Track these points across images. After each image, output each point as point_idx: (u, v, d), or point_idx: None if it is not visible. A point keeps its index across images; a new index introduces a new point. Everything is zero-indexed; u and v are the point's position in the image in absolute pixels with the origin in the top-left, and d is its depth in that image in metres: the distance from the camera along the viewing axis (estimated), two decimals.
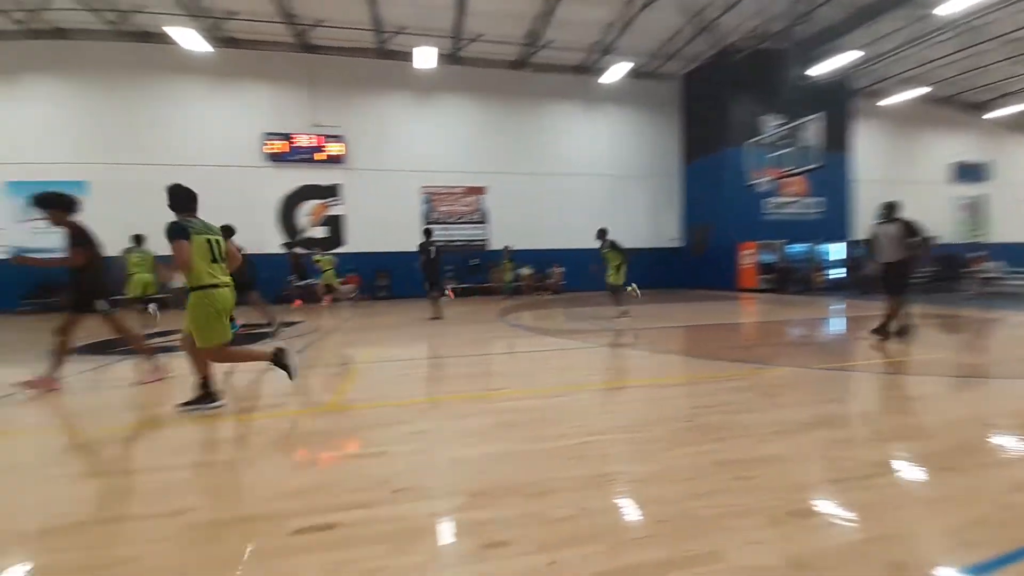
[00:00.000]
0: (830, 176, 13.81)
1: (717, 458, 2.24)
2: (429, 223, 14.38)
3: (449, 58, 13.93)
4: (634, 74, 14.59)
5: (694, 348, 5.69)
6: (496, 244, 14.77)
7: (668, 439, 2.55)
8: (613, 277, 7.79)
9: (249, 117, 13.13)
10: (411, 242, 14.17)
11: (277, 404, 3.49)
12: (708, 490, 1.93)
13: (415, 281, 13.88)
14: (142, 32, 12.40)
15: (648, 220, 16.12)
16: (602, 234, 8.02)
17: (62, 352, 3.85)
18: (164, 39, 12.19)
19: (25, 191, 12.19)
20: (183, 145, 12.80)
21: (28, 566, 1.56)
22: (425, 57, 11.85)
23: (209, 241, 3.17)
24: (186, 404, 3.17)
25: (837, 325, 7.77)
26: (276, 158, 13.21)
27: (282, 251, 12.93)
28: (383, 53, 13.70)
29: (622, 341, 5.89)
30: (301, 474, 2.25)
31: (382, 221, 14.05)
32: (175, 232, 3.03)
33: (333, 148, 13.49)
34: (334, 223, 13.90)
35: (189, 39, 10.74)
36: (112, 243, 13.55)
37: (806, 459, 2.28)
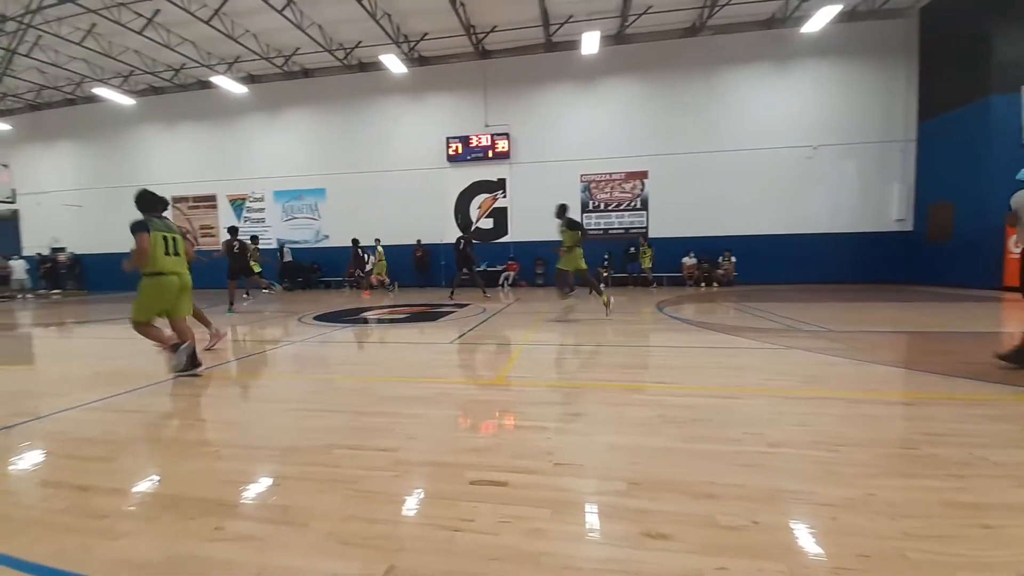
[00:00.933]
0: None
1: (949, 498, 1.77)
2: (587, 211, 14.44)
3: (613, 39, 13.57)
4: (847, 16, 11.98)
5: (925, 360, 4.46)
6: (655, 232, 14.01)
7: (876, 465, 2.11)
8: (563, 261, 6.93)
9: (435, 124, 15.04)
10: None
11: (452, 375, 4.01)
12: (934, 533, 1.54)
13: None
14: (359, 63, 15.26)
15: (859, 197, 13.08)
16: (562, 210, 7.06)
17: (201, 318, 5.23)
18: (374, 67, 14.80)
19: (286, 198, 16.33)
20: (388, 155, 15.37)
21: (277, 472, 2.15)
22: (590, 42, 11.76)
23: (165, 237, 3.86)
24: (181, 372, 3.88)
25: None
26: (454, 159, 14.85)
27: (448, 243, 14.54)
28: (548, 46, 14.09)
29: (817, 344, 5.01)
30: (475, 435, 2.57)
31: (541, 211, 14.57)
32: (138, 227, 3.74)
33: (500, 145, 14.52)
34: (499, 215, 15.01)
35: (393, 63, 12.80)
36: (342, 234, 16.89)
37: None
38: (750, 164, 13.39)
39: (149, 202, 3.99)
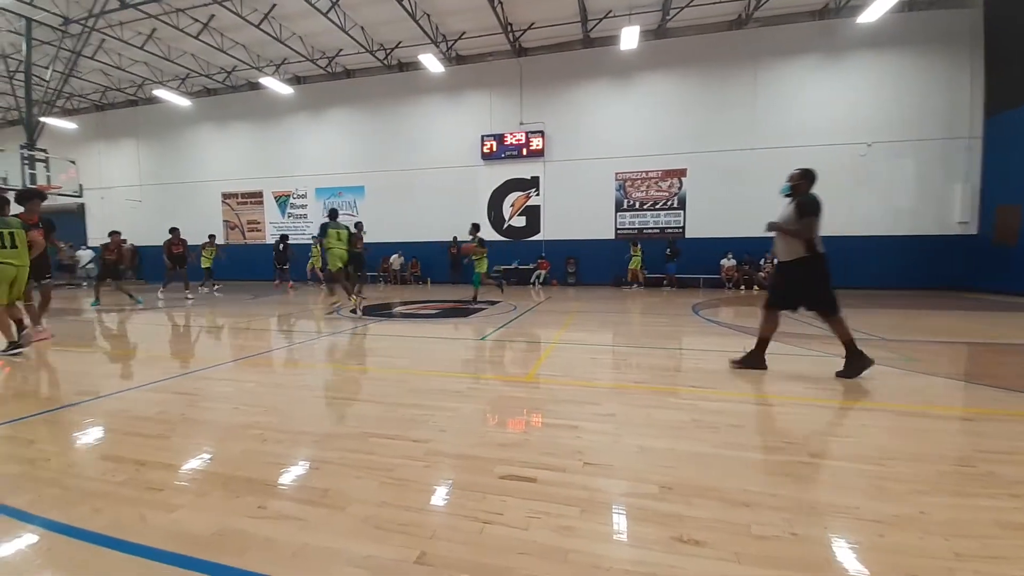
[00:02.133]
0: None
1: (1005, 518, 1.66)
2: (621, 210, 14.22)
3: (654, 33, 13.29)
4: (906, 6, 11.30)
5: (985, 373, 4.17)
6: (692, 232, 13.62)
7: (928, 481, 1.99)
8: (328, 261, 7.70)
9: (470, 122, 15.14)
10: (600, 231, 14.33)
11: (483, 371, 4.05)
12: (988, 554, 1.45)
13: (601, 268, 14.08)
14: (398, 63, 15.57)
15: (917, 198, 12.23)
16: (332, 214, 7.72)
17: (37, 313, 5.52)
18: (413, 67, 15.07)
19: (327, 195, 16.87)
20: (424, 153, 15.59)
21: (317, 457, 2.23)
22: (629, 37, 11.53)
23: (1, 233, 4.48)
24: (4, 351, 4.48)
25: None
26: (488, 156, 14.91)
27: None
28: (586, 42, 13.94)
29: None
30: (505, 431, 2.59)
31: (573, 210, 14.52)
32: None
33: (535, 143, 14.47)
34: (532, 213, 14.98)
35: (431, 63, 12.99)
36: (380, 231, 17.21)
37: None
38: (797, 162, 12.54)
39: None
